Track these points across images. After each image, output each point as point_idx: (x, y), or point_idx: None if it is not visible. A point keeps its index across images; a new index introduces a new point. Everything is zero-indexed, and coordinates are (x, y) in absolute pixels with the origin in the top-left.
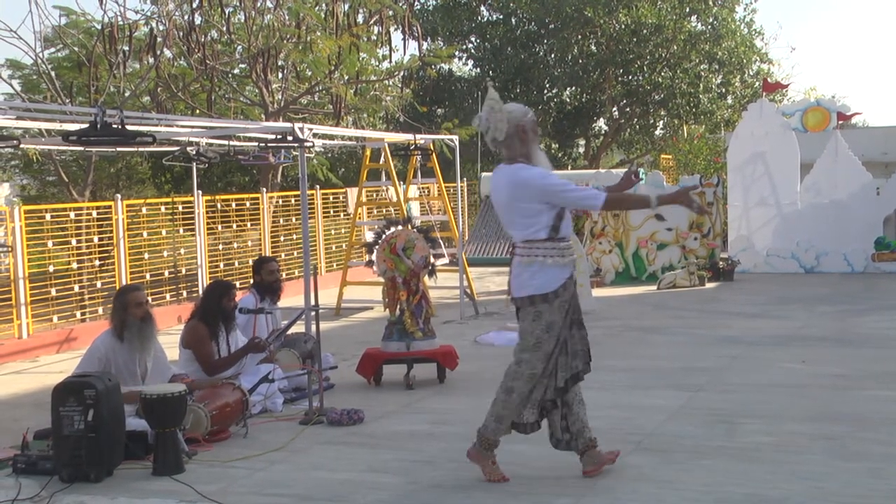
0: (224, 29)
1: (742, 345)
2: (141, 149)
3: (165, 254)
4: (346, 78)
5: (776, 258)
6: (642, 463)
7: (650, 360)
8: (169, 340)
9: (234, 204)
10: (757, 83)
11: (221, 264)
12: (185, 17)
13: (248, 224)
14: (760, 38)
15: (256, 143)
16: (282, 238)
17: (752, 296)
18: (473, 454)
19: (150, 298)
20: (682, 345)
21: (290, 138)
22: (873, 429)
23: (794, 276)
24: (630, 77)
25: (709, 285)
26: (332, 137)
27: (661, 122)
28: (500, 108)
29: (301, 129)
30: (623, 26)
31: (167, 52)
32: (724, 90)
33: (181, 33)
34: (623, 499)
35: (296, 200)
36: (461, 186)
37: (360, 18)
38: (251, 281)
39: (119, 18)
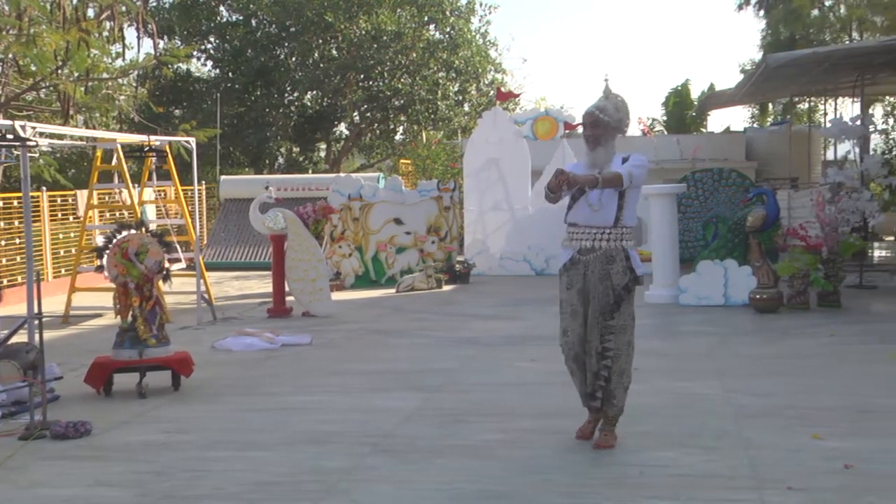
0: None
1: (478, 346)
2: None
3: None
4: (76, 75)
5: (509, 261)
6: (379, 464)
7: (389, 362)
8: None
9: None
10: (491, 92)
11: None
12: None
13: None
14: (495, 48)
15: None
16: (3, 242)
17: (488, 297)
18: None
19: None
20: (421, 347)
21: (10, 137)
22: None
23: (526, 278)
24: (371, 82)
25: (446, 288)
26: (60, 137)
27: (401, 128)
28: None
29: (23, 128)
30: (364, 32)
31: None
32: (461, 98)
33: None
34: (360, 500)
35: (18, 202)
36: (199, 189)
37: (90, 13)
38: None
39: None
